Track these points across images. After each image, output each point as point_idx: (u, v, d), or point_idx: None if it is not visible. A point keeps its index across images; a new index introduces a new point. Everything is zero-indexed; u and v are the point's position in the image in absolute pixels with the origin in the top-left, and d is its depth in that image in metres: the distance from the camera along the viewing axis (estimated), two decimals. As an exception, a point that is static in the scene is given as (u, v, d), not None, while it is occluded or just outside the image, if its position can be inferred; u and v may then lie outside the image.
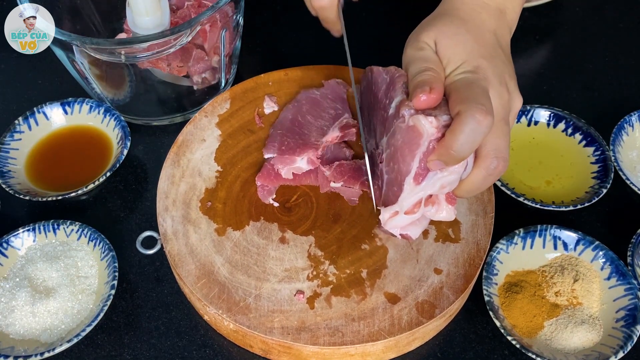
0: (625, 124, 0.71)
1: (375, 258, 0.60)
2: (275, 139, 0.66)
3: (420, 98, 0.50)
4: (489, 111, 0.48)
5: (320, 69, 0.74)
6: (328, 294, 0.57)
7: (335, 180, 0.63)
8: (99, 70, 0.70)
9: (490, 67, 0.52)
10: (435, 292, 0.57)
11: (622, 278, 0.60)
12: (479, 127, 0.48)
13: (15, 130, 0.71)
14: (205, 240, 0.61)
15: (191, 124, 0.69)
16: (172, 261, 0.60)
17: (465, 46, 0.53)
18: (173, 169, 0.66)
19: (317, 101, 0.69)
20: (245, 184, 0.65)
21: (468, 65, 0.52)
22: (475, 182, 0.52)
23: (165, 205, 0.63)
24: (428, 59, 0.53)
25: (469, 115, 0.48)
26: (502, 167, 0.51)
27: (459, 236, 0.61)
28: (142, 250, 0.65)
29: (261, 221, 0.62)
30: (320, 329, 0.55)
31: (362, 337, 0.55)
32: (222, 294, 0.57)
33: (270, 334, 0.55)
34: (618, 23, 0.88)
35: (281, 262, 0.60)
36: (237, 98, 0.72)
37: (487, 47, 0.54)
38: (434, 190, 0.53)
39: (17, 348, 0.57)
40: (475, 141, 0.49)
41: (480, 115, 0.48)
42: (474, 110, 0.48)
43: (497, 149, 0.50)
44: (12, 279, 0.61)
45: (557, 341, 0.58)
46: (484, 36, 0.55)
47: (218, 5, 0.65)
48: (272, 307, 0.57)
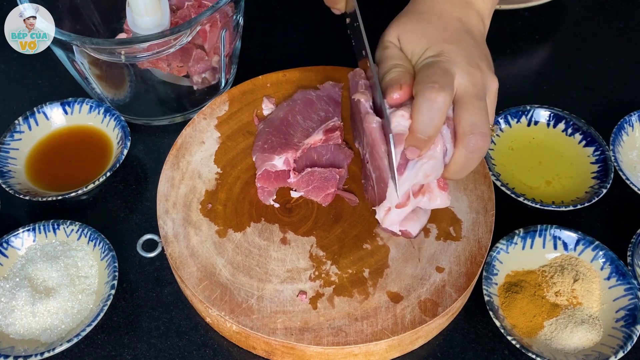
0: (625, 124, 0.71)
1: (377, 257, 0.60)
2: (261, 136, 0.66)
3: (393, 97, 0.52)
4: (441, 87, 0.49)
5: (318, 70, 0.73)
6: (330, 294, 0.57)
7: (299, 189, 0.63)
8: (99, 70, 0.70)
9: (455, 50, 0.53)
10: (438, 290, 0.57)
11: (622, 278, 0.60)
12: (434, 104, 0.49)
13: (15, 130, 0.71)
14: (206, 242, 0.61)
15: (190, 127, 0.69)
16: (174, 264, 0.59)
17: (426, 35, 0.54)
18: (173, 172, 0.66)
19: (311, 102, 0.69)
20: (246, 186, 0.65)
21: (431, 51, 0.53)
22: (458, 162, 0.52)
23: (165, 207, 0.63)
24: (394, 56, 0.55)
25: (420, 95, 0.49)
26: (481, 142, 0.51)
27: (460, 234, 0.61)
28: (143, 253, 0.65)
29: (262, 222, 0.62)
30: (323, 329, 0.55)
31: (365, 337, 0.55)
32: (224, 296, 0.57)
33: (274, 335, 0.55)
34: (618, 23, 0.88)
35: (283, 263, 0.60)
36: (235, 100, 0.72)
37: (450, 32, 0.55)
38: (420, 180, 0.53)
39: (17, 348, 0.57)
40: (436, 118, 0.49)
41: (431, 93, 0.49)
42: (424, 90, 0.49)
43: (473, 125, 0.51)
44: (12, 279, 0.61)
45: (557, 341, 0.58)
46: (446, 23, 0.56)
47: (218, 5, 0.65)
48: (275, 308, 0.56)
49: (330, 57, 0.74)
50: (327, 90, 0.70)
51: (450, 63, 0.52)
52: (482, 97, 0.52)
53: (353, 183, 0.65)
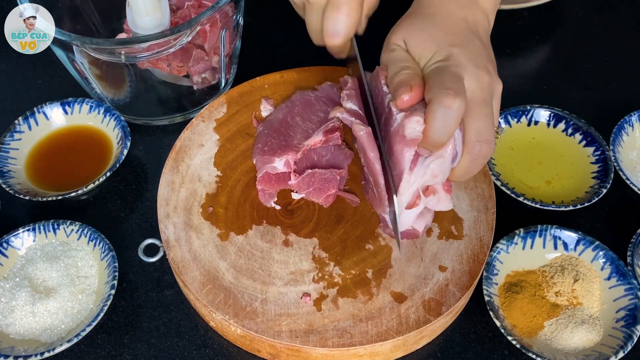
0: (625, 124, 0.71)
1: (380, 258, 0.60)
2: (260, 139, 0.66)
3: (403, 99, 0.52)
4: (457, 93, 0.48)
5: (316, 71, 0.73)
6: (334, 296, 0.57)
7: (300, 190, 0.63)
8: (99, 70, 0.70)
9: (462, 53, 0.52)
10: (441, 289, 0.57)
11: (622, 278, 0.60)
12: (449, 111, 0.48)
13: (15, 130, 0.71)
14: (208, 245, 0.61)
15: (188, 130, 0.69)
16: (176, 268, 0.59)
17: (434, 38, 0.54)
18: (172, 175, 0.66)
19: (310, 103, 0.69)
20: (246, 188, 0.65)
21: (439, 55, 0.53)
22: (463, 167, 0.53)
23: (166, 212, 0.63)
24: (402, 58, 0.54)
25: (436, 101, 0.49)
26: (486, 150, 0.51)
27: (462, 233, 0.61)
28: (144, 258, 0.64)
29: (264, 225, 0.62)
30: (328, 330, 0.55)
31: (370, 338, 0.55)
32: (228, 300, 0.57)
33: (279, 337, 0.55)
34: (618, 23, 0.88)
35: (286, 265, 0.59)
36: (233, 102, 0.72)
37: (457, 34, 0.54)
38: (427, 180, 0.53)
39: (17, 348, 0.57)
40: (450, 124, 0.49)
41: (447, 99, 0.48)
42: (440, 96, 0.48)
43: (479, 132, 0.51)
44: (12, 279, 0.61)
45: (557, 341, 0.58)
46: (452, 25, 0.55)
47: (218, 5, 0.65)
48: (279, 310, 0.56)
49: (330, 57, 0.74)
50: (325, 91, 0.70)
51: (459, 67, 0.51)
52: (489, 102, 0.52)
53: (354, 184, 0.65)
